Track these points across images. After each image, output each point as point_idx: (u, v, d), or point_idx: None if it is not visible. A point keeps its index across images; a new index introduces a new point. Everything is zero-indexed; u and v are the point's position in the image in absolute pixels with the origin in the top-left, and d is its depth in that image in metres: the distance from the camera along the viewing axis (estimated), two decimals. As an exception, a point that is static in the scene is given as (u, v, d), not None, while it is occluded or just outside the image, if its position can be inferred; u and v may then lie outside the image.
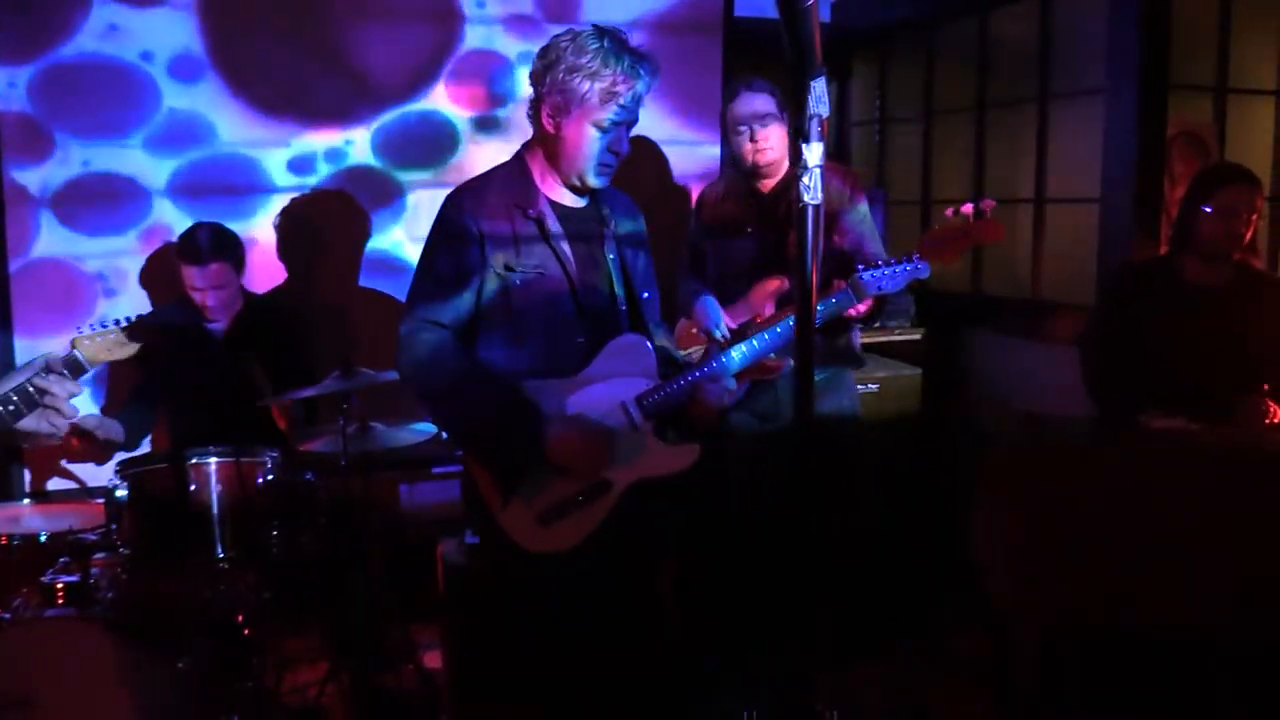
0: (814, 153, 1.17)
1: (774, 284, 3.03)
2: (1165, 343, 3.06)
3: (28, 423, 1.81)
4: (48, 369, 1.85)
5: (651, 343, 2.37)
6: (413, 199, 3.98)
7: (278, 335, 3.41)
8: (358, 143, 3.90)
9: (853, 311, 2.72)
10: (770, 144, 3.09)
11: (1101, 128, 3.70)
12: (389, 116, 3.93)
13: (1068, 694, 2.70)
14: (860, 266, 2.65)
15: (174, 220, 3.70)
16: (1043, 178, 4.07)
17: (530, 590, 2.32)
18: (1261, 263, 3.79)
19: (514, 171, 2.33)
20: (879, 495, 3.45)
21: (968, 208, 2.71)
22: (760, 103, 3.08)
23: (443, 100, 3.98)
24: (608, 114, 2.20)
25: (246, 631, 2.85)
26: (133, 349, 2.17)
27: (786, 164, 3.18)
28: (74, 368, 2.03)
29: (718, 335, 3.05)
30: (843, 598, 3.31)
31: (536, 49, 2.28)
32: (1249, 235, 3.04)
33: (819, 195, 1.19)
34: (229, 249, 3.29)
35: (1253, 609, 2.50)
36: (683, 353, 3.03)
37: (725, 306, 3.11)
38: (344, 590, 3.13)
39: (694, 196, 3.48)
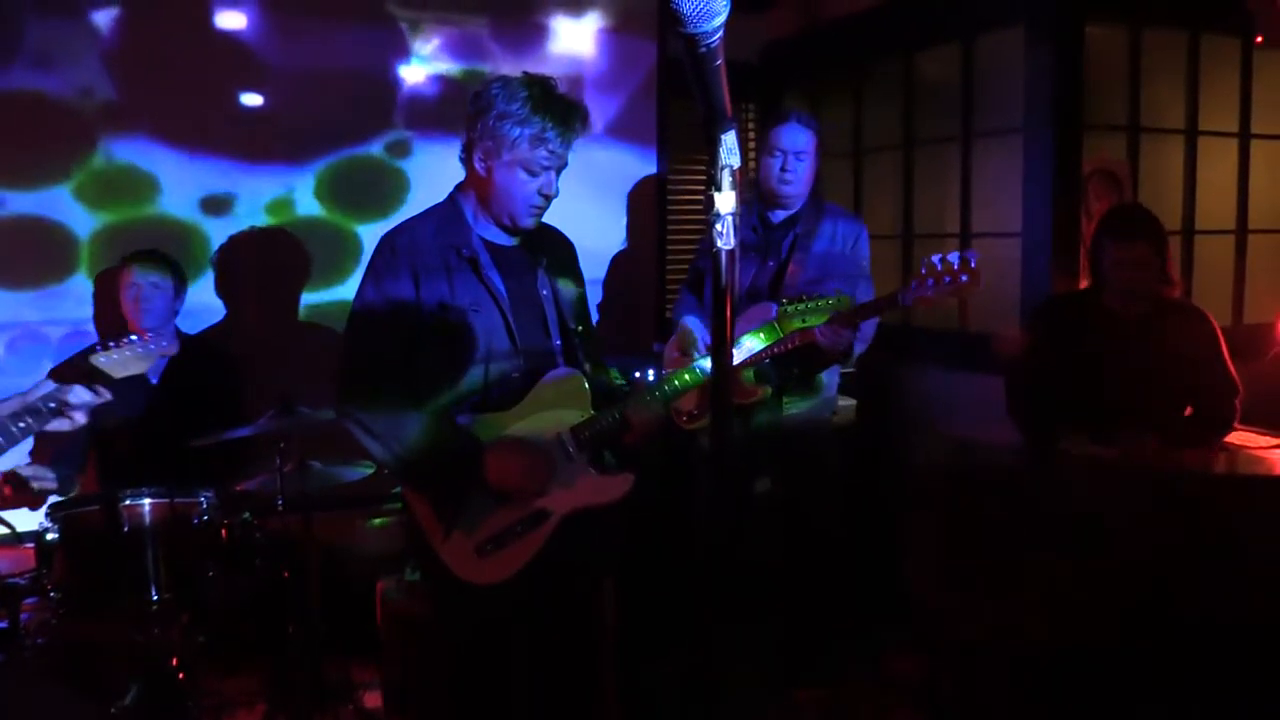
0: (725, 201, 1.23)
1: (755, 313, 3.03)
2: (1088, 371, 3.19)
3: (55, 425, 2.02)
4: (60, 386, 2.01)
5: (586, 375, 2.42)
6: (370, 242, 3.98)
7: (213, 374, 3.39)
8: (302, 190, 3.90)
9: (823, 340, 2.82)
10: (798, 177, 3.20)
11: (1021, 165, 3.85)
12: (336, 161, 3.94)
13: (993, 710, 2.77)
14: (784, 299, 2.71)
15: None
16: (967, 212, 4.20)
17: (470, 621, 2.34)
18: (1178, 290, 3.93)
19: (447, 212, 2.39)
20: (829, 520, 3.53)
21: (954, 256, 2.75)
22: (803, 138, 3.19)
23: (390, 140, 4.00)
24: (537, 159, 2.25)
25: (181, 675, 2.82)
26: (146, 364, 2.29)
27: (804, 200, 3.29)
28: (95, 376, 2.13)
29: (695, 356, 3.07)
30: (783, 622, 3.37)
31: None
32: (1153, 275, 3.16)
33: (731, 241, 1.25)
34: (172, 266, 3.36)
35: (1173, 624, 2.60)
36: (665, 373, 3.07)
37: None
38: (281, 631, 3.11)
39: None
